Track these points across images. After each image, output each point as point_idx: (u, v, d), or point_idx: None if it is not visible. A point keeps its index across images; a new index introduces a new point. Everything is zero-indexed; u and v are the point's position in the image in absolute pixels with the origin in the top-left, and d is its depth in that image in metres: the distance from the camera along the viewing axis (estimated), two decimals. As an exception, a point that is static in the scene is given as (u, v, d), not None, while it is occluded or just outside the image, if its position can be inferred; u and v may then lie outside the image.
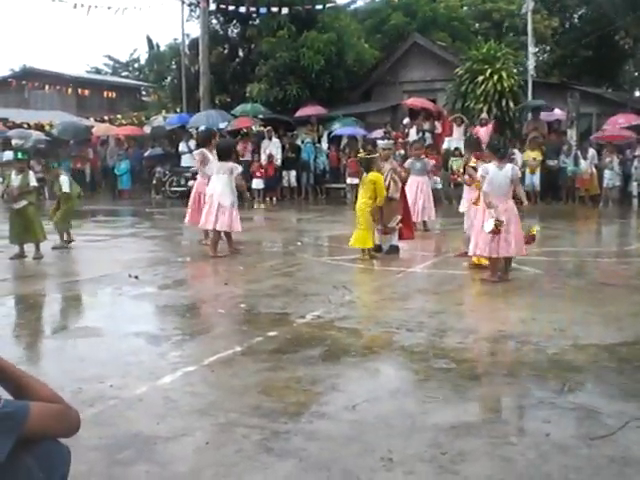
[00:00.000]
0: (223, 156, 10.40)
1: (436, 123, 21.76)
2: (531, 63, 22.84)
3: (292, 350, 5.22)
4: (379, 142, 11.04)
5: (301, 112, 23.89)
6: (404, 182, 10.76)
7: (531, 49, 23.36)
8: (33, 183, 10.26)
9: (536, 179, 19.15)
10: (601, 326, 6.03)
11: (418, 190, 12.85)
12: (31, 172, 10.47)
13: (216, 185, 10.25)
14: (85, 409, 3.93)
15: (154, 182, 23.99)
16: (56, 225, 11.17)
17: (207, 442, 3.67)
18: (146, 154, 25.47)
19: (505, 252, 7.91)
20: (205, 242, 11.12)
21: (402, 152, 17.18)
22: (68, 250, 10.97)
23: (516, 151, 18.96)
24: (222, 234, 10.24)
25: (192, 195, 11.64)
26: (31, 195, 10.32)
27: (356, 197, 10.26)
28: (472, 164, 9.17)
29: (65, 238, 11.26)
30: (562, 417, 3.99)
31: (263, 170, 20.90)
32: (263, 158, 21.24)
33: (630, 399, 4.29)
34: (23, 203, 10.09)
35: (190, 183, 22.12)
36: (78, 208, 12.22)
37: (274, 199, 20.93)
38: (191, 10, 28.73)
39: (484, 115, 19.63)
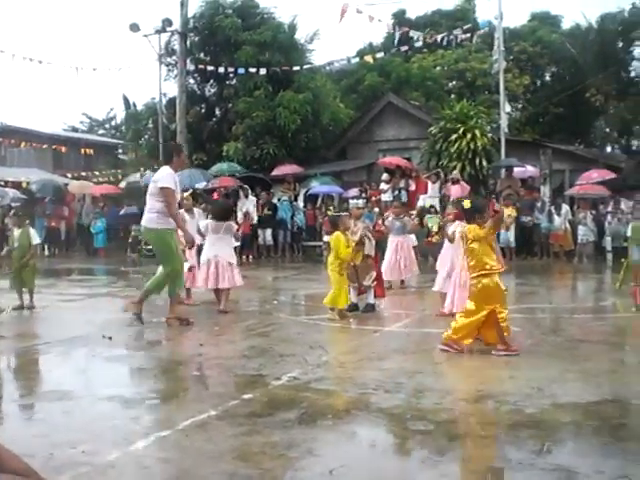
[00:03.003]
0: (221, 217, 10.45)
1: (410, 181, 22.00)
2: (504, 122, 23.27)
3: (268, 413, 5.13)
4: (350, 201, 11.16)
5: (278, 171, 24.10)
6: (380, 240, 10.83)
7: (504, 108, 23.78)
8: None
9: (511, 235, 19.33)
10: (579, 384, 6.01)
11: (398, 249, 12.91)
12: None
13: (220, 246, 10.32)
14: (56, 476, 3.83)
15: (130, 240, 23.92)
16: (26, 283, 11.00)
17: (181, 511, 3.57)
18: (122, 212, 25.44)
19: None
20: (189, 302, 11.03)
21: (377, 210, 17.27)
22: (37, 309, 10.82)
23: (491, 208, 19.13)
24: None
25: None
26: None
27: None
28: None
29: (19, 302, 10.94)
30: (542, 479, 3.94)
31: (239, 228, 20.86)
32: (239, 216, 21.25)
33: (609, 458, 4.26)
34: None
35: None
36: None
37: (250, 257, 20.90)
38: (169, 70, 29.11)
39: (455, 173, 19.87)
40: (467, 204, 7.65)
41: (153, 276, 9.48)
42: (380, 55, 29.70)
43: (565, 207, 20.13)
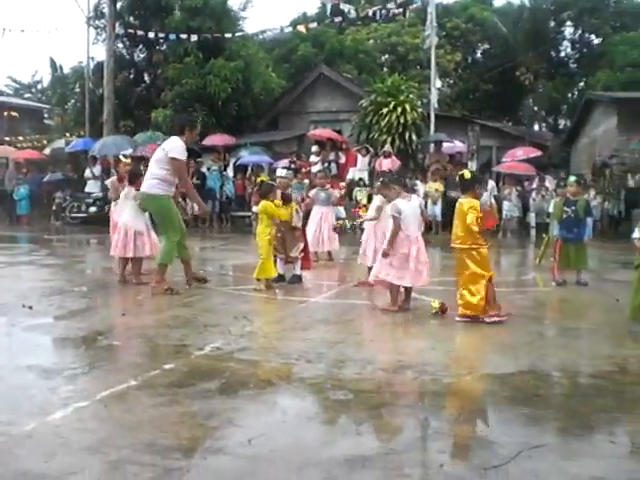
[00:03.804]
0: (133, 181, 10.21)
1: (340, 153, 22.05)
2: (434, 97, 23.47)
3: (188, 383, 5.10)
4: (277, 171, 11.10)
5: (208, 140, 23.82)
6: (308, 212, 10.81)
7: (434, 83, 24.00)
8: None
9: (438, 209, 19.59)
10: (497, 355, 6.15)
11: (322, 220, 12.91)
12: None
13: (125, 211, 10.08)
14: (-29, 446, 3.76)
15: (54, 208, 23.42)
16: None
17: (96, 481, 3.53)
18: (46, 179, 24.85)
19: (416, 282, 8.03)
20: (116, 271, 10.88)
21: (307, 181, 17.29)
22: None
23: (418, 182, 19.39)
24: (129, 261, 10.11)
25: (111, 225, 11.26)
26: None
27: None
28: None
29: None
30: (457, 447, 4.03)
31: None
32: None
33: (523, 428, 4.37)
34: None
35: (91, 209, 21.74)
36: None
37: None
38: (97, 33, 28.42)
39: (387, 147, 20.01)
40: (467, 174, 7.84)
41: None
42: (313, 26, 29.57)
43: (491, 183, 20.48)
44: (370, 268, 9.13)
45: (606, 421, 4.50)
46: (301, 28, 28.00)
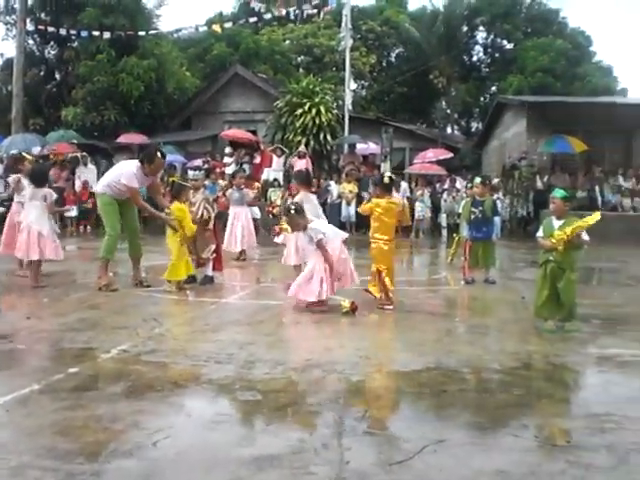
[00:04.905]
0: (38, 182, 9.97)
1: (254, 154, 22.02)
2: (348, 99, 23.66)
3: (94, 387, 5.02)
4: (189, 172, 11.04)
5: (124, 139, 23.45)
6: (220, 213, 10.74)
7: (349, 85, 24.19)
8: None
9: (352, 210, 19.76)
10: (405, 352, 6.25)
11: (235, 220, 13.00)
12: None
13: (31, 213, 9.80)
14: None
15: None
16: None
17: (-5, 488, 3.44)
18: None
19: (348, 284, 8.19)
20: (19, 273, 10.60)
21: (221, 182, 17.18)
22: None
23: (332, 183, 19.53)
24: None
25: (7, 223, 11.02)
26: None
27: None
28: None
29: None
30: (362, 444, 4.06)
31: (77, 197, 20.21)
32: (78, 184, 20.55)
33: (427, 423, 4.46)
34: None
35: (-1, 210, 21.03)
36: None
37: (88, 227, 20.26)
38: (7, 29, 27.74)
39: (302, 148, 20.10)
40: (387, 179, 8.48)
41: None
42: (229, 25, 29.41)
43: (404, 184, 20.82)
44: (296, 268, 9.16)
45: (510, 415, 4.62)
46: (216, 27, 27.81)
